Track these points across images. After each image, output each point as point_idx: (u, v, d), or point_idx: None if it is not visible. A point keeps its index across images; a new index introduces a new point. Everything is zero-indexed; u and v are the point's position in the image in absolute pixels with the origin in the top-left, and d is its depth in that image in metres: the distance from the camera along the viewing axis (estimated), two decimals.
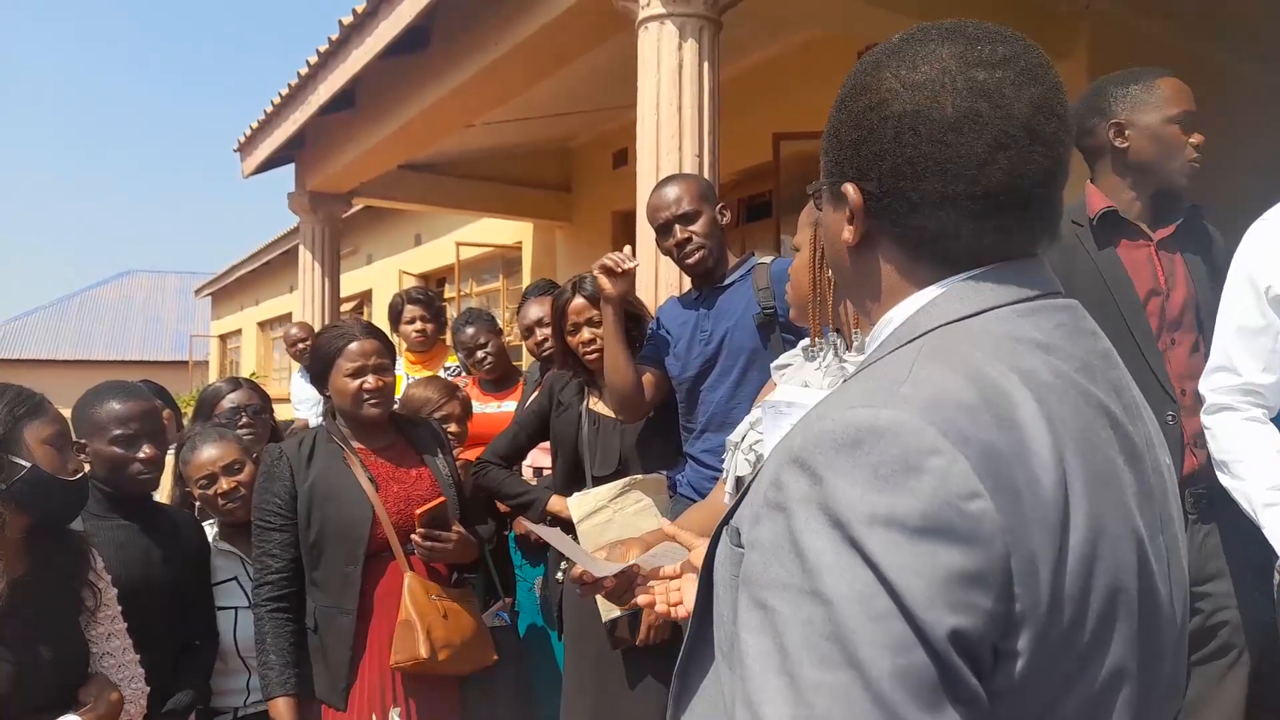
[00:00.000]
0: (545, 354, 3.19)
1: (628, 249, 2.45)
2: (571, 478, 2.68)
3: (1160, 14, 4.45)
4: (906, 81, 0.72)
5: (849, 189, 0.75)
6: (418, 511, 2.19)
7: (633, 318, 2.69)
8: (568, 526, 2.59)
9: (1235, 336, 1.76)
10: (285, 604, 2.19)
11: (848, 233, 0.77)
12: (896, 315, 0.76)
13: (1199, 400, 1.89)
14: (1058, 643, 0.63)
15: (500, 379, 3.76)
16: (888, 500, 0.59)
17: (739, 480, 1.59)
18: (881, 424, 0.62)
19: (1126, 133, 2.04)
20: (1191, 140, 2.00)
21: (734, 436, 1.63)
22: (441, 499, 2.25)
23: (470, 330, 3.70)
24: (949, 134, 0.70)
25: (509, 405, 3.59)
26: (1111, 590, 0.65)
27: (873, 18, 4.08)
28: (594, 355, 2.58)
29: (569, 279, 2.76)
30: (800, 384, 1.53)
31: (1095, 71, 4.25)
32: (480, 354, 3.69)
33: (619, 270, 2.38)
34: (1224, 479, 1.77)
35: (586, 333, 2.58)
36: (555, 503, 2.68)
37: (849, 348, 1.48)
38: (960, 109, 0.70)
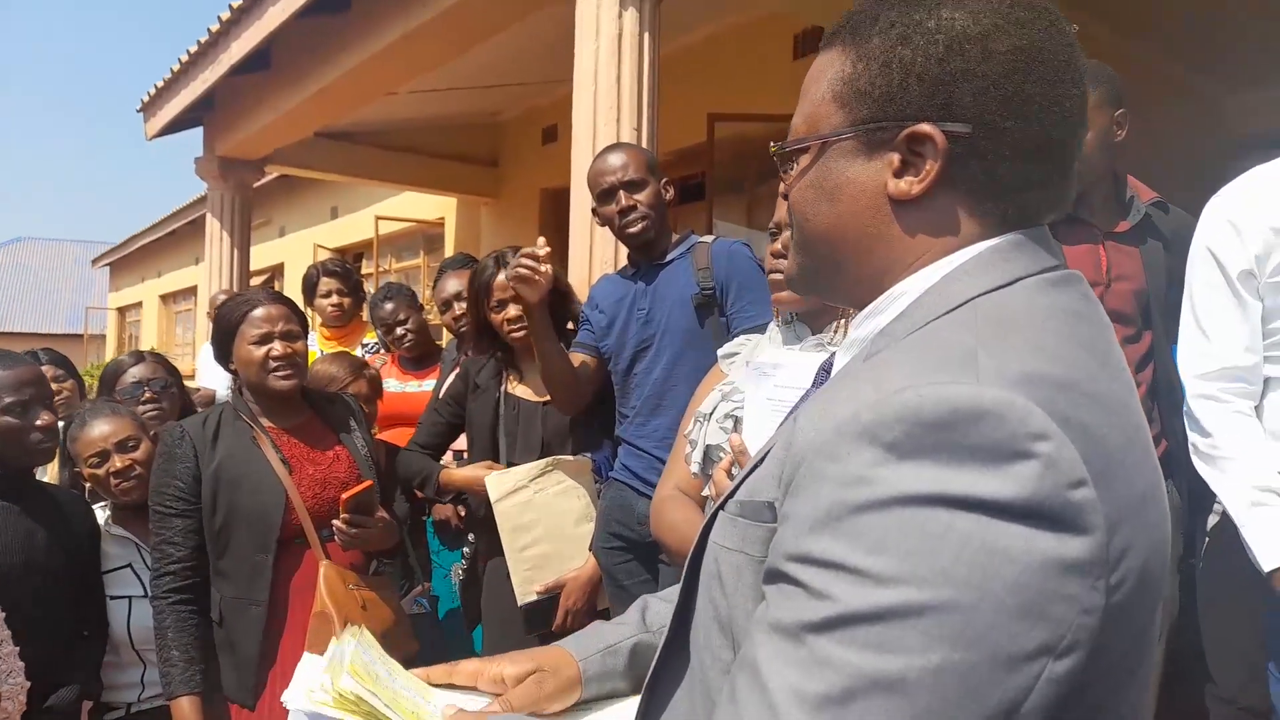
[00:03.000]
0: (464, 330, 3.07)
1: (541, 240, 2.30)
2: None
3: (1094, 11, 4.54)
4: (1010, 17, 0.67)
5: (930, 130, 0.67)
6: (344, 496, 2.05)
7: (560, 295, 2.57)
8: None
9: (1208, 317, 1.73)
10: (188, 595, 2.04)
11: (907, 183, 0.69)
12: (912, 286, 0.70)
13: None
14: (1132, 636, 0.61)
15: (421, 357, 3.63)
16: (985, 483, 0.54)
17: (708, 450, 1.51)
18: (984, 403, 0.56)
19: None
20: None
21: (704, 408, 1.58)
22: (369, 483, 2.11)
23: (389, 306, 3.56)
24: (1060, 72, 0.68)
25: (430, 384, 3.46)
26: (1160, 580, 0.63)
27: None
28: (519, 333, 2.46)
29: (489, 253, 2.61)
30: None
31: None
32: (400, 331, 3.56)
33: (539, 270, 2.21)
34: (1205, 470, 1.75)
35: (513, 309, 2.46)
36: (446, 477, 2.58)
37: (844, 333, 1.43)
38: (1065, 55, 0.68)
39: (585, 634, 0.98)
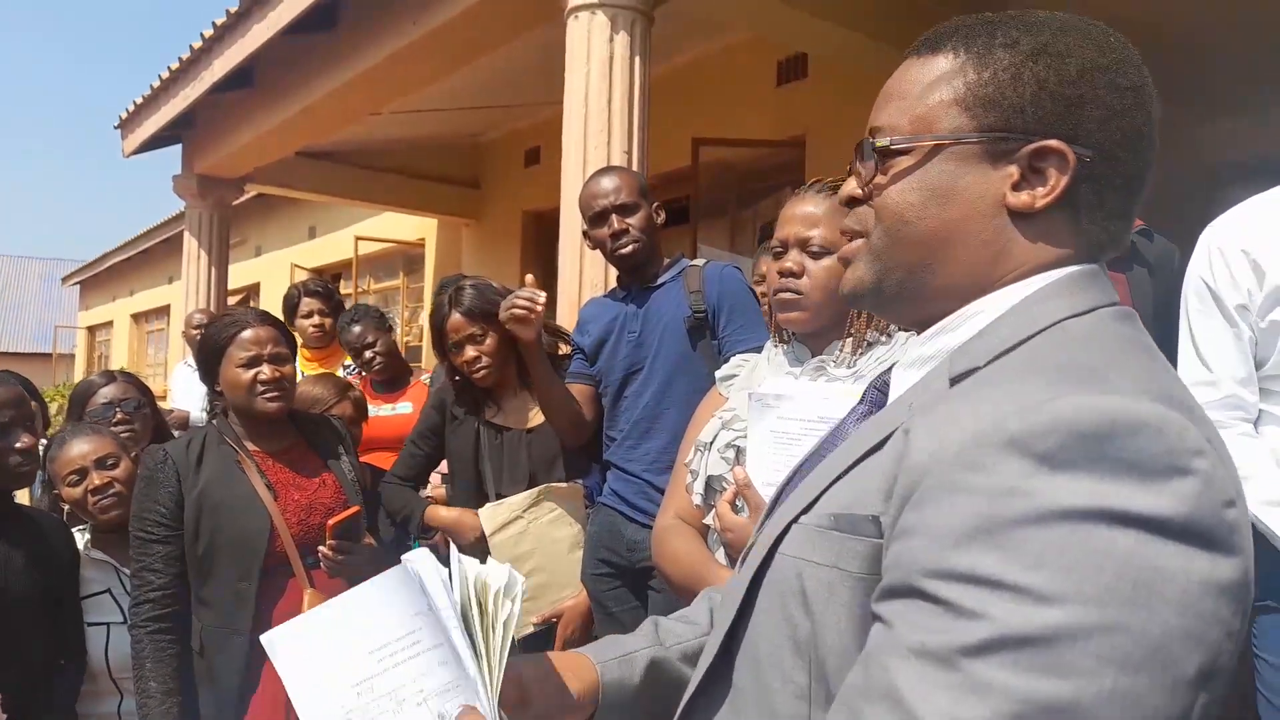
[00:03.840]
0: None
1: (529, 278, 2.27)
2: (472, 498, 2.48)
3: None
4: (1129, 58, 0.71)
5: (1062, 147, 0.68)
6: (330, 522, 2.01)
7: (551, 330, 2.54)
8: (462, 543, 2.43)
9: (1205, 349, 1.74)
10: (167, 624, 1.98)
11: (1030, 196, 0.69)
12: (987, 306, 0.71)
13: None
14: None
15: (392, 380, 3.56)
16: (1145, 499, 0.53)
17: (710, 480, 1.49)
18: (1143, 415, 0.55)
19: None
20: None
21: (704, 436, 1.55)
22: (356, 509, 2.07)
23: (357, 329, 3.48)
24: (1156, 116, 0.72)
25: (403, 407, 3.41)
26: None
27: (800, 22, 4.07)
28: (482, 373, 2.40)
29: (444, 290, 2.52)
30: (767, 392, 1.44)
31: None
32: (368, 354, 3.48)
33: (535, 309, 2.17)
34: None
35: (470, 351, 2.39)
36: (432, 515, 2.50)
37: (854, 355, 1.42)
38: (1158, 102, 0.72)
39: (601, 643, 0.95)
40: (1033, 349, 0.65)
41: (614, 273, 2.61)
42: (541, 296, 2.19)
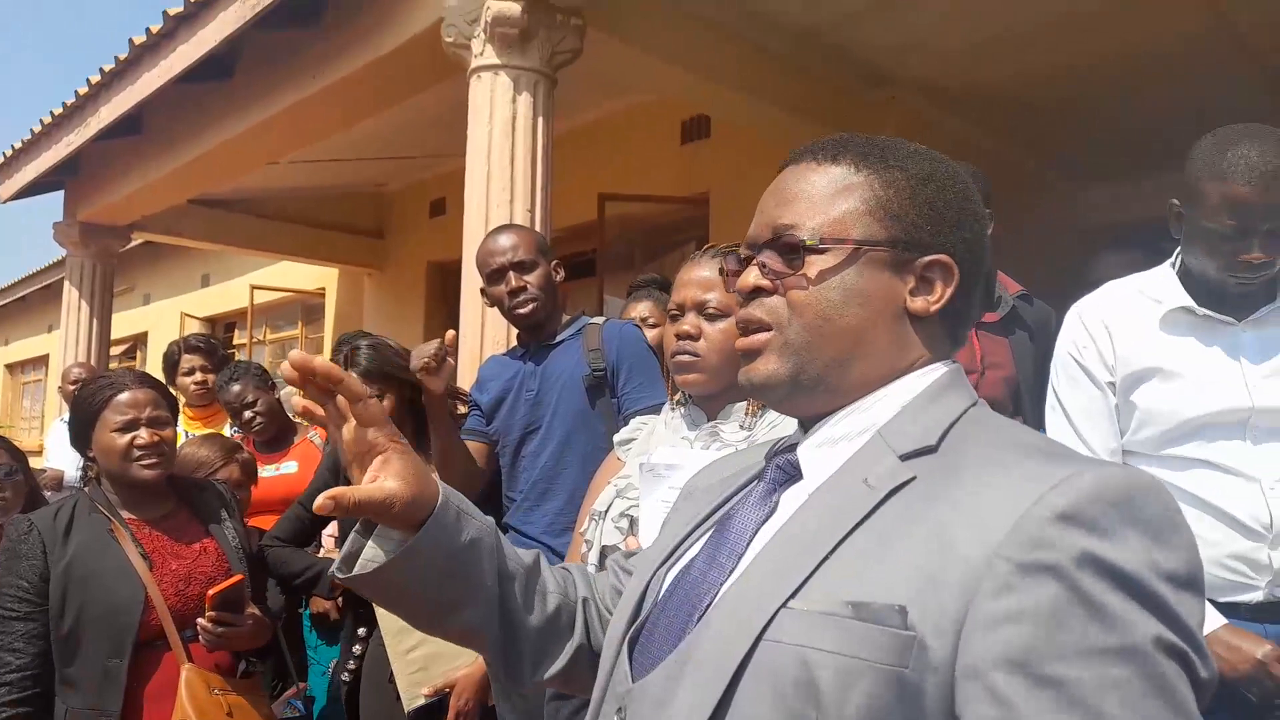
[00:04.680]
0: None
1: (450, 334, 2.23)
2: None
3: (956, 109, 4.88)
4: (976, 194, 0.83)
5: (950, 262, 0.79)
6: (210, 592, 1.91)
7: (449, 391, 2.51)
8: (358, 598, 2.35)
9: (1079, 420, 1.79)
10: (27, 708, 1.84)
11: (925, 302, 0.79)
12: (889, 393, 0.78)
13: None
14: None
15: (275, 439, 3.42)
16: (1164, 554, 0.61)
17: (604, 550, 1.48)
18: (1144, 481, 0.64)
19: None
20: None
21: (599, 505, 1.55)
22: (238, 577, 1.97)
23: (236, 388, 3.33)
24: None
25: (287, 467, 3.29)
26: None
27: (700, 86, 4.19)
28: None
29: (340, 347, 2.45)
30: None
31: None
32: (248, 414, 3.33)
33: (449, 362, 2.15)
34: None
35: None
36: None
37: (750, 417, 1.44)
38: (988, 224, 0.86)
39: (451, 492, 0.90)
40: (972, 432, 0.74)
41: (515, 329, 2.59)
42: (452, 361, 2.15)
